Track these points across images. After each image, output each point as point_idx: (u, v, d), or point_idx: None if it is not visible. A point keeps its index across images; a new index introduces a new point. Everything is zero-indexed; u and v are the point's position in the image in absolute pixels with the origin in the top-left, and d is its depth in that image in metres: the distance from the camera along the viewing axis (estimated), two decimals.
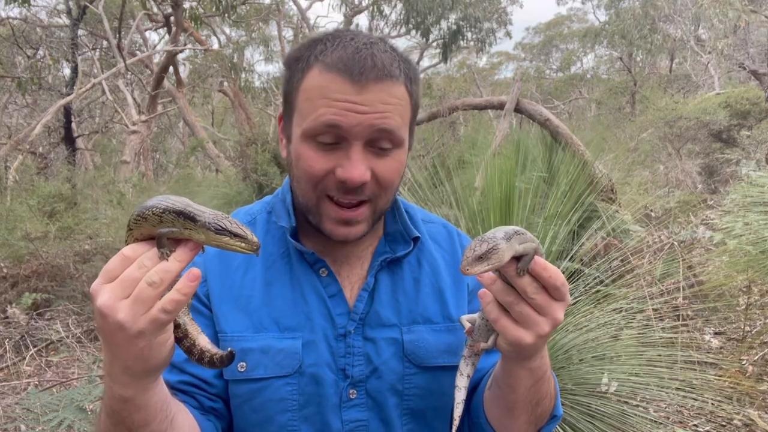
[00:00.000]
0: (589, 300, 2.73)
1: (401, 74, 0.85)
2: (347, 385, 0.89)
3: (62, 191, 7.62)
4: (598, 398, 2.32)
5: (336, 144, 0.84)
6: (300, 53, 0.87)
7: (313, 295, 0.91)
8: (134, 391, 0.69)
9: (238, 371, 0.87)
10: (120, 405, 0.70)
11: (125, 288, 0.63)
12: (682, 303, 3.41)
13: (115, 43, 9.24)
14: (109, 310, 0.63)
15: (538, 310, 0.71)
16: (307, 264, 0.93)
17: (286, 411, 0.88)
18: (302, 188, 0.88)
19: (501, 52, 26.90)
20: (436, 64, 17.59)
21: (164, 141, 17.67)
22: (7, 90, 11.82)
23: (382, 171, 0.86)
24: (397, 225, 0.98)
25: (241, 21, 13.36)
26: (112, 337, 0.64)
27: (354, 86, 0.81)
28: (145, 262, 0.64)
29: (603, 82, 21.83)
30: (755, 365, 3.51)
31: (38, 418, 2.68)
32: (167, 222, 0.65)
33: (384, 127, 0.83)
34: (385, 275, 0.95)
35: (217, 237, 0.64)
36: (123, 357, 0.66)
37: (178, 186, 9.44)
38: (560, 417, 0.92)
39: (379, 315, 0.92)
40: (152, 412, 0.71)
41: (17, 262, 5.58)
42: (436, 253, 1.00)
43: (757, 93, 11.73)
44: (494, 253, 0.65)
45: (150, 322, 0.63)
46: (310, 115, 0.83)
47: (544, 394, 0.84)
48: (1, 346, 4.30)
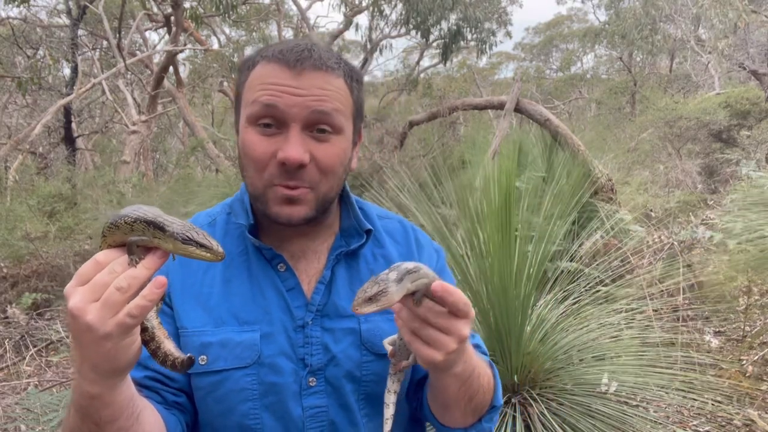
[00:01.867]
0: (589, 300, 2.73)
1: (340, 69, 0.90)
2: (306, 374, 0.93)
3: (62, 191, 7.62)
4: (598, 398, 2.32)
5: (277, 129, 0.88)
6: (249, 56, 0.95)
7: (271, 289, 0.95)
8: (101, 388, 0.72)
9: (200, 364, 0.91)
10: (88, 401, 0.73)
11: (95, 291, 0.67)
12: (682, 303, 3.40)
13: (115, 43, 9.24)
14: (79, 312, 0.66)
15: (444, 331, 0.77)
16: (265, 260, 0.97)
17: (247, 400, 0.91)
18: (249, 175, 0.92)
19: (501, 52, 26.89)
20: (436, 64, 17.59)
21: (164, 141, 17.66)
22: (7, 90, 11.82)
23: (322, 156, 0.89)
24: (351, 220, 1.02)
25: (241, 21, 13.36)
26: (81, 337, 0.68)
27: (291, 72, 0.87)
28: (116, 268, 0.68)
29: (603, 82, 21.84)
30: (755, 365, 3.51)
31: (38, 418, 2.68)
32: (138, 231, 0.68)
33: (321, 108, 0.87)
34: (341, 268, 0.99)
35: (184, 247, 0.68)
36: (91, 357, 0.69)
37: (178, 186, 9.43)
38: (500, 407, 0.99)
39: (337, 306, 0.96)
40: (119, 408, 0.75)
41: (17, 262, 5.58)
42: (391, 247, 1.04)
43: (757, 93, 11.73)
44: (383, 296, 0.72)
45: (117, 326, 0.66)
46: (251, 100, 0.89)
47: (475, 390, 0.90)
48: (1, 346, 4.30)
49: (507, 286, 2.32)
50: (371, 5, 10.94)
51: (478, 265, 2.49)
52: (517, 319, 2.35)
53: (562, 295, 2.75)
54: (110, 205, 6.81)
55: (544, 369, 2.46)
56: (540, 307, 2.66)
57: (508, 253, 2.31)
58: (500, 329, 2.35)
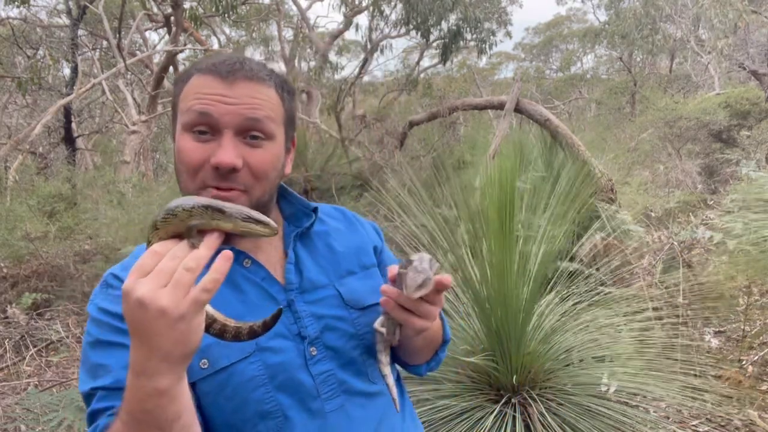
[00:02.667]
0: (590, 301, 2.73)
1: (271, 80, 0.96)
2: (306, 345, 0.98)
3: (62, 191, 7.63)
4: (598, 398, 2.32)
5: (211, 136, 0.92)
6: (184, 71, 1.00)
7: (246, 283, 0.98)
8: (170, 380, 0.72)
9: (201, 368, 0.92)
10: (155, 401, 0.72)
11: (162, 278, 0.68)
12: (682, 303, 3.40)
13: (115, 43, 9.24)
14: (152, 299, 0.67)
15: (434, 303, 0.95)
16: None
17: (258, 387, 0.93)
18: (184, 181, 0.95)
19: (501, 52, 26.87)
20: (436, 64, 17.58)
21: (164, 141, 17.64)
22: (7, 90, 11.82)
23: (255, 161, 0.93)
24: (294, 206, 1.09)
25: (241, 21, 13.36)
26: (151, 326, 0.68)
27: (223, 83, 0.92)
28: (178, 253, 0.70)
29: (603, 82, 21.84)
30: (755, 365, 3.51)
31: (38, 418, 2.69)
32: (197, 216, 0.73)
33: (252, 116, 0.92)
34: (300, 249, 1.05)
35: (245, 224, 0.74)
36: (163, 345, 0.69)
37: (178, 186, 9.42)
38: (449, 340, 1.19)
39: (312, 280, 1.03)
40: (185, 402, 0.76)
41: (17, 262, 5.58)
42: (335, 222, 1.14)
43: (757, 93, 11.73)
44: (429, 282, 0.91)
45: (192, 304, 0.68)
46: (186, 109, 0.93)
47: (432, 337, 1.11)
48: (1, 346, 4.30)
49: (507, 287, 2.32)
50: (371, 5, 10.94)
51: (478, 266, 2.49)
52: (517, 319, 2.35)
53: (562, 295, 2.75)
54: (110, 205, 6.81)
55: (544, 369, 2.46)
56: (540, 307, 2.66)
57: (509, 253, 2.31)
58: (500, 330, 2.35)
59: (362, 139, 9.87)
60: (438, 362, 1.19)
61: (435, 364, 1.18)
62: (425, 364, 1.17)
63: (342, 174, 7.46)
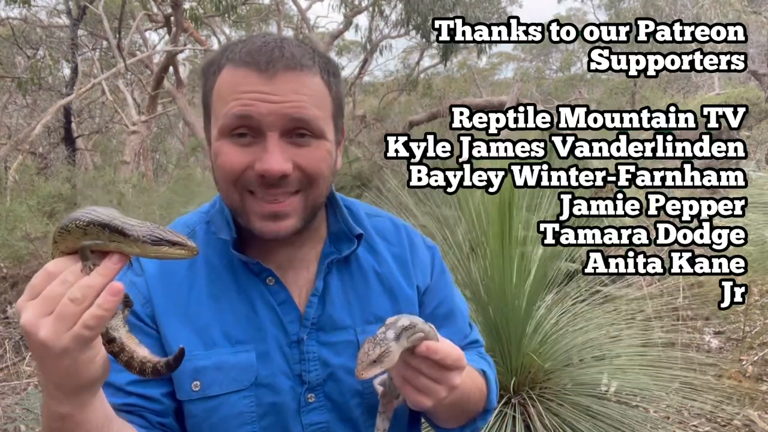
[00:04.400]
0: (589, 300, 2.73)
1: (315, 65, 0.83)
2: (305, 390, 0.90)
3: (62, 191, 7.62)
4: (598, 398, 2.32)
5: (253, 139, 0.82)
6: (213, 58, 0.87)
7: (262, 304, 0.90)
8: (70, 407, 0.67)
9: (193, 391, 0.86)
10: (58, 423, 0.68)
11: (47, 305, 0.61)
12: (682, 303, 3.40)
13: (115, 43, 9.23)
14: (32, 328, 0.61)
15: (435, 380, 0.78)
16: (253, 274, 0.91)
17: (245, 424, 0.87)
18: (224, 189, 0.86)
19: (501, 52, 26.87)
20: (437, 64, 17.58)
21: (164, 141, 17.65)
22: (7, 90, 11.81)
23: (307, 161, 0.83)
24: (340, 224, 0.96)
25: (241, 21, 13.35)
26: (38, 354, 0.62)
27: (261, 76, 0.79)
28: (68, 278, 0.62)
29: (603, 83, 21.81)
30: (755, 365, 3.51)
31: (38, 418, 2.68)
32: (92, 235, 0.62)
33: (298, 116, 0.81)
34: (334, 277, 0.94)
35: (156, 248, 0.62)
36: (52, 375, 0.64)
37: (178, 186, 9.42)
38: (493, 409, 1.01)
39: (333, 318, 0.92)
40: (93, 428, 0.70)
41: (17, 262, 5.58)
42: (384, 249, 0.99)
43: (757, 93, 11.73)
44: (386, 356, 0.72)
45: (73, 340, 0.61)
46: (223, 112, 0.82)
47: (465, 408, 0.93)
48: (1, 346, 4.30)
49: (507, 287, 2.32)
50: (371, 5, 10.94)
51: (478, 266, 2.49)
52: (517, 319, 2.35)
53: (561, 295, 2.75)
54: (110, 205, 6.80)
55: (544, 369, 2.46)
56: (540, 307, 2.66)
57: (509, 253, 2.31)
58: (500, 330, 2.35)
59: (362, 139, 9.87)
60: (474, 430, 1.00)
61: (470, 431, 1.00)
62: (458, 429, 0.98)
63: (342, 174, 7.47)
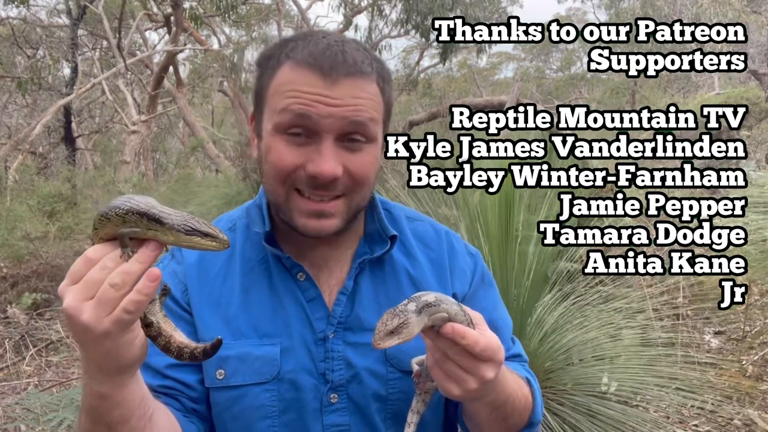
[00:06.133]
0: (589, 300, 2.73)
1: (373, 72, 0.85)
2: (327, 390, 0.89)
3: (62, 191, 7.63)
4: (598, 398, 2.32)
5: (307, 139, 0.83)
6: (272, 52, 0.88)
7: (291, 300, 0.91)
8: (110, 387, 0.70)
9: (217, 379, 0.88)
10: (98, 401, 0.71)
11: (89, 290, 0.64)
12: (682, 303, 3.40)
13: (115, 43, 9.24)
14: (74, 312, 0.64)
15: (464, 369, 0.73)
16: (285, 269, 0.92)
17: (266, 418, 0.88)
18: (270, 183, 0.87)
19: (501, 52, 26.87)
20: (436, 64, 17.58)
21: (164, 141, 17.66)
22: (7, 90, 11.82)
23: (356, 166, 0.85)
24: (375, 224, 0.96)
25: (241, 21, 13.36)
26: (80, 337, 0.66)
27: (324, 80, 0.81)
28: (108, 264, 0.65)
29: (603, 82, 21.81)
30: (755, 365, 3.51)
31: (38, 418, 2.68)
32: (130, 223, 0.65)
33: (356, 119, 0.82)
34: (365, 277, 0.94)
35: (188, 238, 0.65)
36: (94, 356, 0.67)
37: (178, 186, 9.43)
38: (538, 422, 0.93)
39: (361, 319, 0.91)
40: (130, 408, 0.73)
41: (17, 262, 5.58)
42: (420, 253, 0.98)
43: (757, 93, 11.72)
44: (405, 328, 0.69)
45: (114, 323, 0.64)
46: (280, 108, 0.83)
47: (509, 413, 0.87)
48: (1, 346, 4.30)
49: (507, 287, 2.32)
50: (371, 5, 10.94)
51: None
52: (517, 319, 2.35)
53: (561, 294, 2.75)
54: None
55: (544, 369, 2.46)
56: (540, 307, 2.66)
57: (509, 253, 2.31)
58: None
59: None
60: None
61: None
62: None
63: None
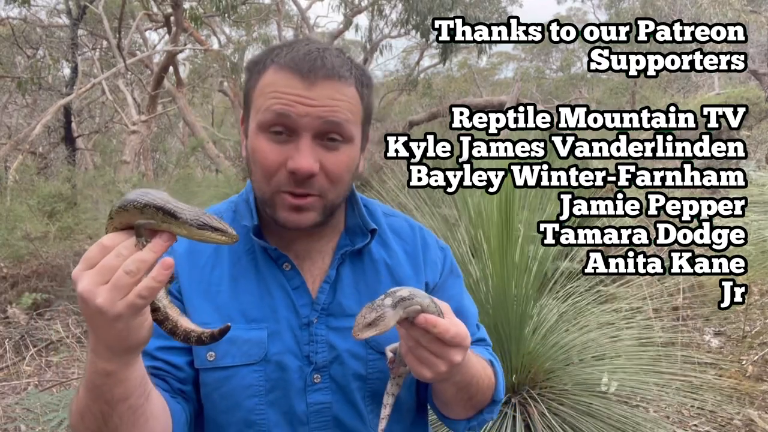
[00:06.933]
0: (589, 300, 2.73)
1: (351, 76, 0.92)
2: (311, 371, 0.95)
3: (62, 191, 7.62)
4: (598, 398, 2.32)
5: (288, 137, 0.89)
6: (258, 58, 0.95)
7: (277, 288, 0.97)
8: (116, 365, 0.74)
9: (208, 360, 0.93)
10: (102, 379, 0.75)
11: (103, 275, 0.68)
12: (682, 303, 3.41)
13: (115, 43, 9.24)
14: (90, 295, 0.68)
15: (435, 354, 0.82)
16: (271, 259, 0.99)
17: (253, 396, 0.94)
18: (258, 182, 0.94)
19: (501, 52, 26.87)
20: (436, 64, 17.58)
21: (164, 141, 17.66)
22: (7, 90, 11.83)
23: (332, 165, 0.91)
24: (356, 219, 1.04)
25: (241, 21, 13.36)
26: (93, 319, 0.70)
27: (303, 82, 0.88)
28: (122, 251, 0.69)
29: (603, 82, 21.82)
30: (755, 365, 3.51)
31: (38, 418, 2.69)
32: (147, 215, 0.70)
33: (332, 119, 0.89)
34: (347, 267, 1.01)
35: (200, 232, 0.71)
36: (105, 337, 0.71)
37: (178, 186, 9.43)
38: (500, 401, 1.04)
39: (342, 306, 0.98)
40: (131, 386, 0.77)
41: (17, 262, 5.59)
42: (396, 245, 1.06)
43: (757, 93, 11.73)
44: (381, 321, 0.78)
45: (127, 307, 0.68)
46: (263, 108, 0.90)
47: (473, 393, 0.97)
48: (1, 346, 4.30)
49: (507, 286, 2.32)
50: (371, 5, 10.94)
51: (478, 265, 2.49)
52: (517, 319, 2.36)
53: (561, 294, 2.75)
54: (110, 205, 6.81)
55: (544, 369, 2.46)
56: (540, 307, 2.66)
57: (509, 253, 2.31)
58: (500, 329, 2.35)
59: None
60: (482, 423, 1.04)
61: (478, 424, 1.04)
62: (465, 421, 1.03)
63: None
